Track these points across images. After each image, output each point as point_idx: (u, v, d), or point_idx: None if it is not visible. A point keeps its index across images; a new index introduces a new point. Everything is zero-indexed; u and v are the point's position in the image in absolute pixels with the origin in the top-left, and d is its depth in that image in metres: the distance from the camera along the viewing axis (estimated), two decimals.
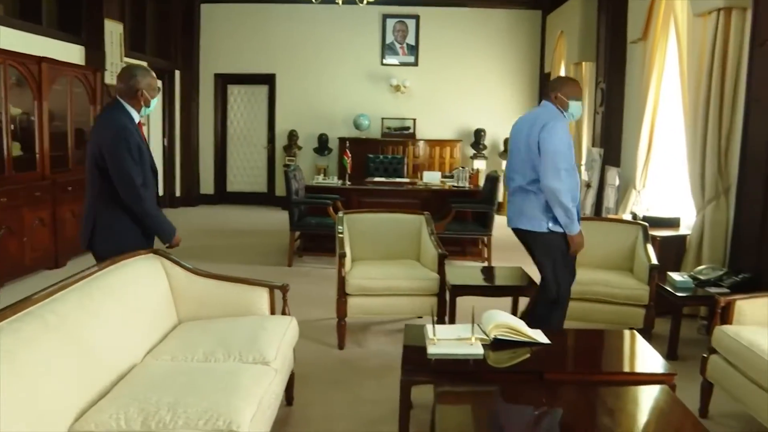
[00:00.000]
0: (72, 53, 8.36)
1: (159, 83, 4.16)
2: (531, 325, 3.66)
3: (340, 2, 8.03)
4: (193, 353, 3.23)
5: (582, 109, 4.23)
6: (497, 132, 12.37)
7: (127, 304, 3.25)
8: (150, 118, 11.10)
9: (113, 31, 8.88)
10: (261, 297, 3.90)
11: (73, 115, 7.88)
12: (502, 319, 3.57)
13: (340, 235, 5.17)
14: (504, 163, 12.01)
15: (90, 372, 2.71)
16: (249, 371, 3.01)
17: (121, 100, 3.92)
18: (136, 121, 3.97)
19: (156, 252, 3.86)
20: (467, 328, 3.51)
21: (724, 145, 5.53)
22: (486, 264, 7.53)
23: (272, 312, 3.91)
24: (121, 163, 3.75)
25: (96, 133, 3.93)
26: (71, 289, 2.98)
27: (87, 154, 3.93)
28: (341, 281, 4.86)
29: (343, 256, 4.90)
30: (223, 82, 12.76)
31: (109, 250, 3.72)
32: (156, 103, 4.10)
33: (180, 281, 3.84)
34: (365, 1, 8.20)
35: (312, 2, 8.13)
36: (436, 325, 3.54)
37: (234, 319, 3.71)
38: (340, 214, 5.53)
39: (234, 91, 12.88)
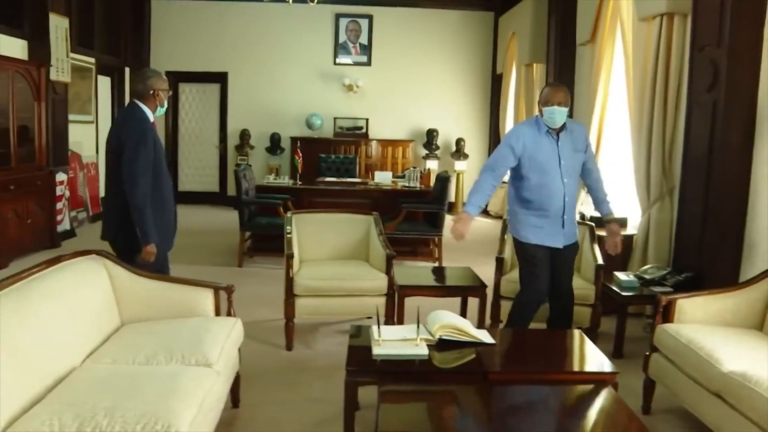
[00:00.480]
0: (14, 47, 8.13)
1: (169, 87, 4.33)
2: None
3: (290, 1, 7.96)
4: (135, 356, 3.17)
5: (558, 113, 4.19)
6: (450, 132, 12.45)
7: (66, 306, 3.17)
8: (99, 115, 10.89)
9: (58, 25, 8.67)
10: (206, 298, 3.84)
11: (16, 111, 7.68)
12: (448, 320, 3.58)
13: (289, 236, 5.13)
14: (456, 163, 12.12)
15: (23, 377, 2.63)
16: (191, 373, 2.97)
17: (138, 102, 4.14)
18: (152, 120, 4.16)
19: (98, 253, 3.79)
20: (413, 328, 3.52)
21: (668, 146, 5.64)
22: (437, 264, 7.54)
23: (217, 313, 3.86)
24: (131, 150, 3.95)
25: (116, 130, 4.13)
26: (7, 291, 2.90)
27: (107, 152, 4.18)
28: (289, 282, 4.83)
29: (290, 256, 4.87)
30: (175, 80, 12.52)
31: (135, 248, 4.00)
32: (164, 109, 4.28)
33: (123, 282, 3.76)
34: (315, 1, 8.15)
35: (263, 1, 7.98)
36: (382, 326, 3.54)
37: (178, 321, 3.66)
38: (289, 214, 5.49)
39: (185, 90, 12.72)
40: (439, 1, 12.26)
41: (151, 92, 4.13)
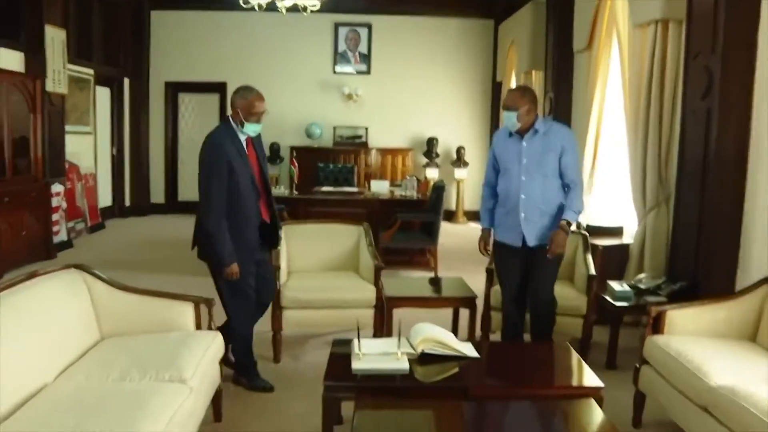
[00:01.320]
0: (11, 60, 8.13)
1: (262, 108, 4.17)
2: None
3: (284, 11, 7.94)
4: (109, 372, 3.11)
5: (506, 117, 4.26)
6: (450, 140, 12.39)
7: (40, 321, 3.13)
8: (97, 126, 10.90)
9: (54, 37, 8.67)
10: (186, 312, 3.79)
11: (11, 123, 7.66)
12: (430, 333, 3.52)
13: (278, 248, 5.05)
14: (456, 171, 12.05)
15: None
16: (162, 390, 2.91)
17: (230, 117, 4.16)
18: (242, 138, 4.14)
19: (78, 267, 3.74)
20: (395, 342, 3.46)
21: (665, 154, 5.57)
22: (432, 274, 7.46)
23: (198, 327, 3.81)
24: (205, 177, 4.03)
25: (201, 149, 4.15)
26: None
27: None
28: (276, 294, 4.76)
29: (278, 268, 4.81)
30: (174, 90, 12.57)
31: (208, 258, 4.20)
32: (257, 128, 4.19)
33: (102, 297, 3.72)
34: (309, 10, 8.13)
35: (256, 10, 7.96)
36: (363, 340, 3.47)
37: (156, 336, 3.61)
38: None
39: (185, 99, 12.69)
40: (438, 10, 12.21)
41: (234, 109, 4.12)
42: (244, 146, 4.15)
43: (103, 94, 11.26)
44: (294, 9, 8.13)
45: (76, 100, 9.98)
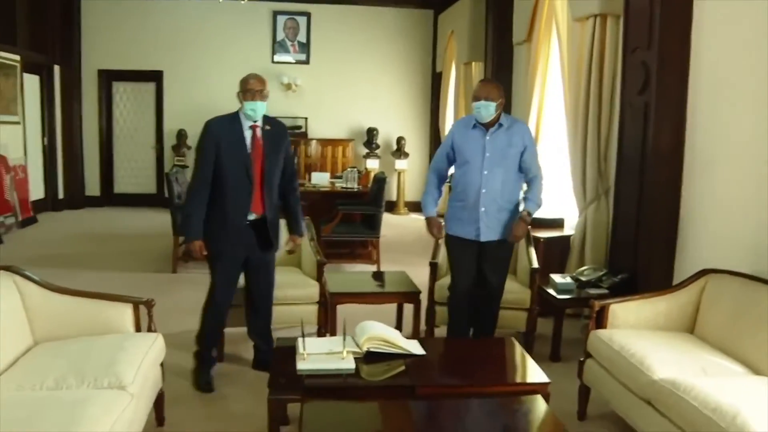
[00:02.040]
0: None
1: (257, 86, 4.13)
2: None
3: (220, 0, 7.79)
4: (43, 380, 2.98)
5: (483, 108, 4.26)
6: (390, 131, 12.40)
7: None
8: (27, 115, 10.51)
9: None
10: (124, 313, 3.67)
11: None
12: (375, 331, 3.49)
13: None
14: (397, 162, 12.06)
15: None
16: (101, 398, 2.80)
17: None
18: (244, 123, 4.15)
19: (7, 268, 3.60)
20: (340, 341, 3.43)
21: (604, 147, 5.66)
22: (375, 267, 7.48)
23: (137, 329, 3.70)
24: (194, 169, 4.18)
25: None
26: None
27: None
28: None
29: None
30: (108, 78, 12.22)
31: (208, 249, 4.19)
32: (254, 106, 4.12)
33: (34, 299, 3.58)
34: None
35: None
36: (307, 339, 3.44)
37: (93, 339, 3.48)
38: None
39: (119, 89, 12.38)
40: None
41: (238, 93, 4.18)
42: (247, 134, 4.13)
43: (31, 82, 10.87)
44: None
45: (1, 88, 9.61)
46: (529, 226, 4.57)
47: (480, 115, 4.28)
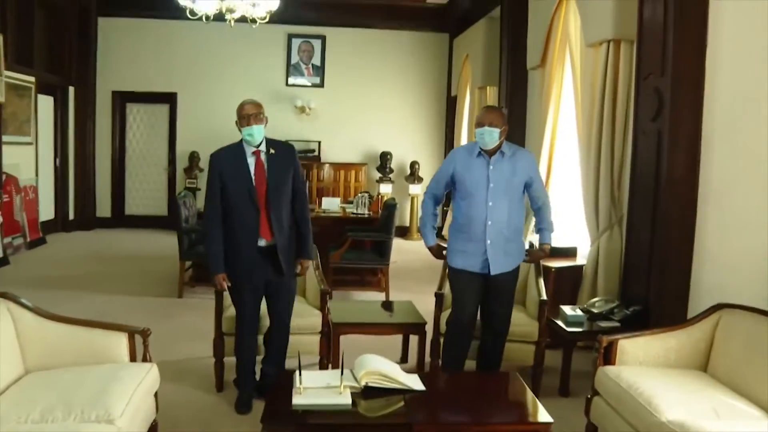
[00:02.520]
0: None
1: (251, 110, 4.20)
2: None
3: (232, 23, 7.80)
4: (29, 412, 2.91)
5: (487, 134, 4.19)
6: (404, 155, 12.34)
7: None
8: (39, 136, 10.57)
9: None
10: (119, 342, 3.62)
11: None
12: (374, 365, 3.42)
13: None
14: (411, 186, 11.99)
15: None
16: None
17: None
18: (248, 151, 4.18)
19: (2, 295, 3.56)
20: (338, 374, 3.35)
21: (617, 174, 5.57)
22: (384, 295, 7.40)
23: (132, 358, 3.64)
24: (206, 198, 4.25)
25: None
26: None
27: None
28: (218, 318, 4.64)
29: (220, 293, 4.64)
30: (122, 99, 12.25)
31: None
32: (252, 131, 4.15)
33: (28, 327, 3.54)
34: (258, 22, 8.00)
35: (204, 21, 7.81)
36: (305, 372, 3.36)
37: (86, 369, 3.42)
38: None
39: (133, 110, 12.38)
40: (393, 22, 12.17)
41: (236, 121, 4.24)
42: (250, 161, 4.15)
43: (45, 103, 10.93)
44: (244, 20, 7.99)
45: (15, 109, 9.67)
46: (548, 256, 4.59)
47: (483, 141, 4.20)
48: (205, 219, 4.24)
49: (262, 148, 4.18)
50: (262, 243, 4.18)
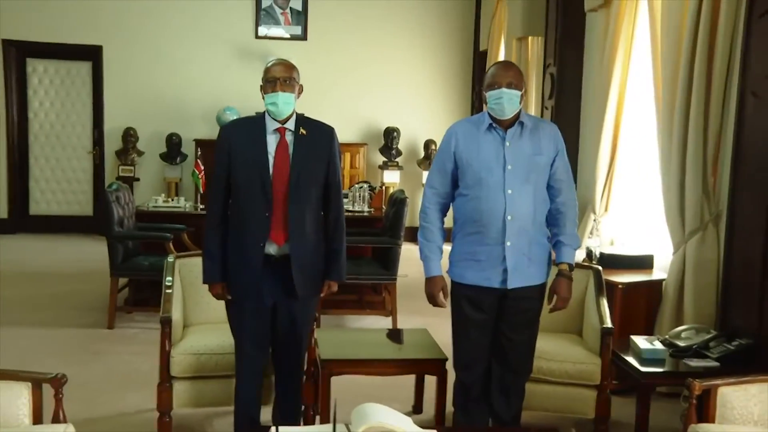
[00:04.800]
0: None
1: (278, 73, 4.12)
2: None
3: None
4: None
5: (506, 97, 4.07)
6: (416, 132, 12.42)
7: None
8: None
9: None
10: (19, 396, 3.51)
11: None
12: (378, 418, 3.35)
13: (168, 291, 4.95)
14: (425, 174, 11.89)
15: None
16: None
17: None
18: (269, 125, 4.17)
19: None
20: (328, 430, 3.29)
21: (713, 154, 5.50)
22: (390, 320, 7.40)
23: (36, 419, 3.53)
24: (211, 180, 4.44)
25: None
26: None
27: None
28: (164, 358, 4.64)
29: (167, 322, 4.67)
30: (20, 53, 12.09)
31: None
32: (275, 99, 4.09)
33: None
34: None
35: None
36: (286, 429, 3.31)
37: None
38: (171, 258, 5.28)
39: (39, 69, 12.28)
40: None
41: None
42: (270, 139, 4.15)
43: None
44: None
45: None
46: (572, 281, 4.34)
47: (502, 108, 4.09)
48: (208, 213, 4.37)
49: (290, 125, 4.14)
50: (271, 249, 4.14)
